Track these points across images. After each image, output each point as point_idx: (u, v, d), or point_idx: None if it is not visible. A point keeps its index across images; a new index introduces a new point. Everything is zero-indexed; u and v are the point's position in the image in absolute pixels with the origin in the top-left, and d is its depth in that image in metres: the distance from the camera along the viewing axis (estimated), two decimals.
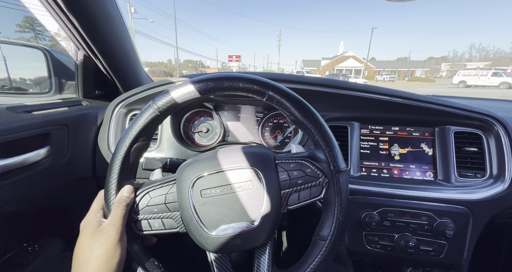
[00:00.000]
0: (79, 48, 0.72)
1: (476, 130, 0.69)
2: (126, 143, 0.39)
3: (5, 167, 0.50)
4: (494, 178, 0.66)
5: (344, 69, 43.52)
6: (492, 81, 19.22)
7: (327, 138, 0.41)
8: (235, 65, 25.60)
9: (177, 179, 0.42)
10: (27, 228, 0.63)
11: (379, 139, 0.76)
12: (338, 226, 0.41)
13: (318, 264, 0.41)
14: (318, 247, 0.42)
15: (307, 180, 0.42)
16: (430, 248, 0.65)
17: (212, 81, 0.39)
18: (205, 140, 0.86)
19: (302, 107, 0.41)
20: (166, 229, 0.41)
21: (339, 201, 0.41)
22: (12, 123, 0.53)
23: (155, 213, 0.40)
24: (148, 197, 0.41)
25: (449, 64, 57.67)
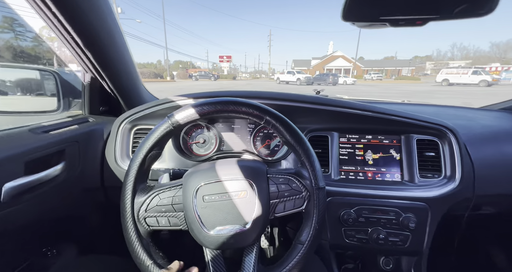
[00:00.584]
0: (86, 71, 0.79)
1: (434, 137, 0.81)
2: (143, 152, 0.48)
3: (31, 183, 0.58)
4: (448, 178, 0.78)
5: (334, 68, 44.28)
6: (472, 79, 20.13)
7: (311, 160, 0.50)
8: (226, 65, 25.55)
9: (183, 184, 0.50)
10: (45, 235, 0.70)
11: (355, 146, 0.87)
12: (314, 233, 0.49)
13: (296, 264, 0.48)
14: (296, 249, 0.50)
15: (292, 193, 0.51)
16: (397, 239, 0.77)
17: (219, 105, 0.48)
18: (202, 150, 0.94)
19: (293, 132, 0.50)
20: (171, 226, 0.49)
21: (317, 213, 0.49)
22: (34, 144, 0.60)
23: (163, 212, 0.48)
24: (158, 198, 0.49)
25: (433, 63, 59.82)
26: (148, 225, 0.48)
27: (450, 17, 0.53)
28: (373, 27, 0.61)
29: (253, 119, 0.50)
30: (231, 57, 31.71)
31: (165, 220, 0.48)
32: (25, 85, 0.81)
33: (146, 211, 0.48)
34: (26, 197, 0.58)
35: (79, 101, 0.91)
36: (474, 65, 27.06)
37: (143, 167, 0.49)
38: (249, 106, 0.49)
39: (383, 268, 0.86)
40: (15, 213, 0.56)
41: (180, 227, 0.50)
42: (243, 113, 0.49)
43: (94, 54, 0.70)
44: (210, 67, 74.68)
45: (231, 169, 0.51)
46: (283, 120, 0.50)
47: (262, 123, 0.50)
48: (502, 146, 0.84)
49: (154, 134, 0.48)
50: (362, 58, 68.84)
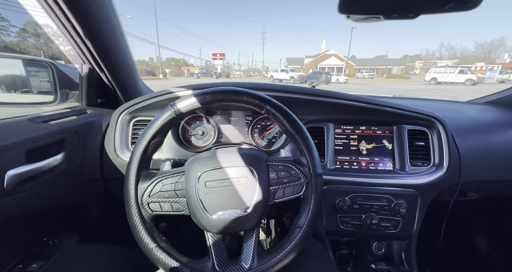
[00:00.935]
0: (85, 62, 0.79)
1: (424, 128, 0.86)
2: (147, 139, 0.49)
3: (33, 171, 0.58)
4: (436, 166, 0.83)
5: (327, 67, 44.69)
6: (459, 78, 20.86)
7: (310, 148, 0.52)
8: (219, 63, 25.36)
9: (185, 171, 0.52)
10: (46, 224, 0.70)
11: (350, 137, 0.90)
12: (312, 217, 0.51)
13: (293, 247, 0.50)
14: (294, 233, 0.51)
15: (291, 179, 0.52)
16: (389, 224, 0.81)
17: (221, 94, 0.49)
18: (201, 142, 0.96)
19: (292, 121, 0.52)
20: (173, 211, 0.50)
21: (315, 198, 0.51)
22: (34, 133, 0.60)
23: (166, 198, 0.49)
24: (161, 184, 0.50)
25: (422, 62, 61.35)
26: (151, 210, 0.50)
27: (440, 11, 0.56)
28: (368, 21, 0.64)
29: (254, 108, 0.51)
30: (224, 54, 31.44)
31: (168, 206, 0.50)
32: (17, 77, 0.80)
33: (150, 196, 0.49)
34: (28, 186, 0.58)
35: (75, 93, 0.90)
36: (461, 65, 27.99)
37: (146, 154, 0.50)
38: (250, 95, 0.50)
39: (376, 252, 0.90)
40: (18, 201, 0.56)
41: (183, 212, 0.51)
42: (244, 102, 0.50)
43: (94, 43, 0.69)
44: (203, 64, 73.87)
45: (232, 157, 0.53)
46: (282, 109, 0.52)
47: (262, 112, 0.51)
48: (486, 136, 0.89)
49: (157, 121, 0.49)
50: (354, 57, 69.78)
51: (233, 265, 0.50)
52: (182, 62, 79.53)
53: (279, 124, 0.53)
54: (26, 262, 0.58)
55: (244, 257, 0.51)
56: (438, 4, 0.56)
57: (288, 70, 24.66)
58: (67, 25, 0.63)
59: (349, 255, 0.96)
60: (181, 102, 0.49)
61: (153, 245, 0.47)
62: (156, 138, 0.50)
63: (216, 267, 0.49)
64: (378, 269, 0.85)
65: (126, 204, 0.49)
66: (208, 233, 0.53)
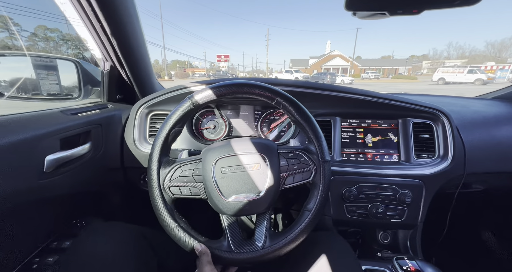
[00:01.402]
0: (107, 59, 0.85)
1: (429, 121, 0.88)
2: (167, 128, 0.53)
3: (66, 158, 0.64)
4: (441, 157, 0.85)
5: (332, 67, 44.45)
6: (468, 78, 20.41)
7: (318, 136, 0.55)
8: (224, 65, 25.56)
9: (202, 158, 0.56)
10: (75, 207, 0.76)
11: (356, 130, 0.93)
12: (320, 201, 0.54)
13: (303, 229, 0.53)
14: (304, 216, 0.54)
15: (301, 166, 0.55)
16: (394, 213, 0.83)
17: (235, 87, 0.54)
18: (212, 135, 1.01)
19: (301, 111, 0.55)
20: (192, 195, 0.54)
21: (323, 183, 0.54)
22: (66, 123, 0.66)
23: (185, 183, 0.54)
24: (180, 170, 0.55)
25: (429, 62, 60.29)
26: (172, 193, 0.54)
27: (442, 6, 0.59)
28: (373, 17, 0.68)
29: (265, 100, 0.55)
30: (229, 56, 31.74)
31: (187, 190, 0.54)
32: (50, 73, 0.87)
33: (170, 181, 0.54)
34: (63, 170, 0.64)
35: (96, 89, 0.97)
36: (470, 64, 27.40)
37: (167, 142, 0.55)
38: (262, 88, 0.54)
39: (382, 241, 0.93)
40: (55, 183, 0.62)
41: (200, 196, 0.55)
42: (256, 94, 0.54)
43: (119, 42, 0.76)
44: (208, 66, 74.58)
45: (245, 145, 0.57)
46: (292, 100, 0.55)
47: (273, 103, 0.55)
48: (491, 129, 0.91)
49: (177, 112, 0.54)
50: (360, 58, 69.21)
51: (247, 245, 0.53)
52: (187, 64, 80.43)
53: (288, 114, 0.56)
54: (60, 240, 0.64)
55: (257, 238, 0.54)
56: (439, 0, 0.59)
57: (293, 71, 24.69)
58: (96, 26, 0.69)
59: (356, 244, 0.98)
60: (198, 94, 0.53)
61: (174, 224, 0.51)
62: (175, 127, 0.55)
63: (231, 246, 0.53)
64: (384, 257, 0.88)
65: (149, 187, 0.53)
66: (223, 215, 0.57)
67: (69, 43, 1.30)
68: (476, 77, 20.06)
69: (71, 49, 1.36)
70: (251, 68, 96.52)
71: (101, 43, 0.77)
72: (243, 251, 0.52)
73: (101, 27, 0.70)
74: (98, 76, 0.95)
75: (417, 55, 78.29)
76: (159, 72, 32.19)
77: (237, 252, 0.52)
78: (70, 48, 1.36)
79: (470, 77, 20.30)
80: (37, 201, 0.60)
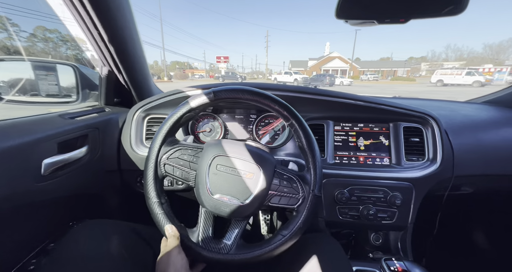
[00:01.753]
0: (105, 64, 0.87)
1: (418, 125, 0.90)
2: (183, 110, 0.55)
3: (63, 161, 0.66)
4: (430, 161, 0.87)
5: (331, 69, 44.63)
6: (466, 80, 20.52)
7: (317, 168, 0.55)
8: (223, 66, 25.63)
9: (204, 149, 0.58)
10: (72, 210, 0.78)
11: (348, 134, 0.95)
12: (296, 230, 0.53)
13: (272, 249, 0.53)
14: (276, 239, 0.54)
15: (291, 191, 0.56)
16: (385, 215, 0.85)
17: (258, 96, 0.55)
18: (208, 138, 1.02)
19: (309, 140, 0.56)
20: (182, 179, 0.56)
21: (306, 214, 0.54)
22: (64, 127, 0.68)
23: (180, 165, 0.56)
24: (180, 152, 0.57)
25: (428, 64, 60.58)
26: (165, 170, 0.56)
27: (426, 16, 0.62)
28: (364, 25, 0.70)
29: (279, 116, 0.57)
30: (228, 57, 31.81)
31: (179, 172, 0.56)
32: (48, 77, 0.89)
33: (168, 159, 0.56)
34: (60, 173, 0.65)
35: (94, 93, 0.99)
36: (468, 66, 27.57)
37: (179, 122, 0.57)
38: (282, 105, 0.55)
39: (373, 243, 0.95)
40: (52, 186, 0.64)
41: (189, 183, 0.57)
42: (273, 109, 0.55)
43: (116, 48, 0.78)
44: (207, 67, 74.74)
45: (247, 152, 0.58)
46: (305, 127, 0.56)
47: (286, 123, 0.57)
48: (479, 133, 0.94)
49: (196, 99, 0.55)
50: (359, 59, 69.50)
51: (214, 244, 0.55)
52: (186, 65, 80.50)
53: (296, 138, 0.57)
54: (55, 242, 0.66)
55: (225, 241, 0.56)
56: (426, 10, 0.61)
57: (292, 72, 24.78)
58: (93, 32, 0.71)
59: (348, 245, 1.00)
60: (220, 92, 0.55)
61: (156, 199, 0.54)
62: (192, 111, 0.56)
63: (199, 240, 0.55)
64: (375, 258, 0.89)
65: (147, 158, 0.56)
66: (203, 208, 0.58)
67: (68, 44, 1.32)
68: (474, 79, 20.19)
69: (70, 50, 1.38)
70: (251, 70, 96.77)
71: (98, 48, 0.79)
72: (208, 249, 0.54)
73: (99, 34, 0.72)
74: (96, 80, 0.97)
75: (415, 57, 78.76)
76: (159, 73, 32.20)
77: (202, 247, 0.54)
78: (70, 49, 1.38)
79: (468, 79, 20.42)
80: (35, 204, 0.62)
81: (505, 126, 0.95)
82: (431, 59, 72.06)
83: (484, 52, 63.19)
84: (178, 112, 0.56)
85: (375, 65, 51.02)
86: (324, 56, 48.91)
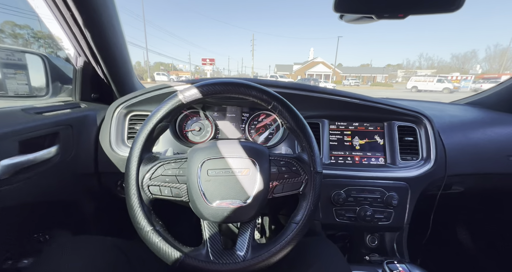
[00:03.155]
0: (80, 54, 0.77)
1: (412, 124, 0.91)
2: (154, 121, 0.48)
3: (26, 162, 0.55)
4: (424, 160, 0.88)
5: (315, 74, 45.93)
6: (437, 87, 22.25)
7: (312, 146, 0.53)
8: (209, 68, 25.38)
9: (188, 157, 0.52)
10: (38, 219, 0.66)
11: (344, 133, 0.94)
12: (308, 213, 0.51)
13: (288, 241, 0.50)
14: (290, 228, 0.51)
15: (291, 175, 0.53)
16: (382, 216, 0.84)
17: (230, 85, 0.50)
18: (198, 138, 0.95)
19: (297, 119, 0.52)
20: (172, 196, 0.50)
21: (313, 195, 0.52)
22: (28, 123, 0.58)
23: (167, 182, 0.49)
24: (163, 168, 0.50)
25: (403, 71, 64.56)
26: (151, 193, 0.49)
27: (426, 12, 0.61)
28: (360, 21, 0.68)
29: (261, 103, 0.51)
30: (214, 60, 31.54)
31: (168, 190, 0.49)
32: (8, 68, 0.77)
33: (151, 179, 0.49)
34: (22, 177, 0.55)
35: (67, 87, 0.87)
36: (439, 74, 29.81)
37: (152, 135, 0.49)
38: (259, 90, 0.50)
39: (369, 245, 0.93)
40: (13, 192, 0.53)
41: (182, 199, 0.50)
42: (252, 96, 0.50)
43: (93, 34, 0.68)
44: (192, 69, 73.43)
45: (235, 148, 0.54)
46: (289, 106, 0.52)
47: (268, 107, 0.52)
48: (467, 133, 0.96)
49: (166, 105, 0.49)
50: (341, 65, 72.27)
51: (228, 255, 0.49)
52: (171, 67, 78.63)
53: (283, 120, 0.53)
54: (16, 258, 0.55)
55: (238, 248, 0.51)
56: (425, 6, 0.61)
57: (278, 76, 25.16)
58: (66, 14, 0.62)
59: (344, 248, 0.98)
60: (190, 90, 0.49)
61: (149, 228, 0.46)
62: (163, 121, 0.50)
63: (210, 255, 0.49)
64: (372, 260, 0.87)
65: (126, 184, 0.48)
66: (205, 221, 0.53)
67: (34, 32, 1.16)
68: (444, 86, 21.91)
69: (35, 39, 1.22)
70: (237, 72, 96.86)
71: (72, 35, 0.69)
72: (223, 262, 0.48)
73: (72, 16, 0.62)
74: (70, 73, 0.86)
75: (392, 64, 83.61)
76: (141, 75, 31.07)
77: (216, 263, 0.48)
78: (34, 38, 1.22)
79: (439, 86, 22.12)
80: None
81: (491, 126, 0.98)
82: (406, 66, 77.04)
83: (452, 62, 68.85)
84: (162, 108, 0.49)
85: (356, 71, 53.38)
86: (309, 61, 50.31)
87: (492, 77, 26.63)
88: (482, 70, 57.64)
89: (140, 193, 0.48)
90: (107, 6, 0.68)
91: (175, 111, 0.50)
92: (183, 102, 0.49)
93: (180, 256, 0.45)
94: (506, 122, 1.01)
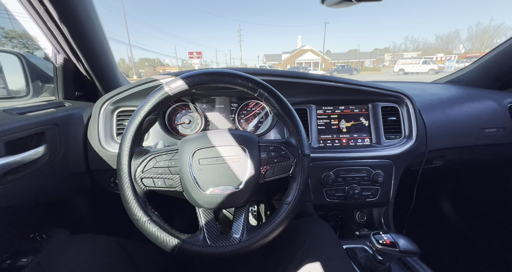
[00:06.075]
0: (59, 51, 0.75)
1: (395, 104, 0.95)
2: (141, 115, 0.49)
3: (13, 163, 0.55)
4: (407, 137, 0.92)
5: (304, 62, 45.63)
6: (423, 68, 22.68)
7: (299, 130, 0.55)
8: (196, 62, 24.74)
9: (179, 149, 0.53)
10: (34, 220, 0.67)
11: (330, 117, 0.97)
12: (298, 194, 0.54)
13: (281, 221, 0.53)
14: (282, 209, 0.54)
15: (281, 159, 0.55)
16: (369, 193, 0.89)
17: (216, 75, 0.51)
18: (188, 130, 0.96)
19: (283, 104, 0.54)
20: (166, 187, 0.51)
21: (302, 176, 0.55)
22: (11, 124, 0.57)
23: (159, 174, 0.50)
24: (154, 160, 0.51)
25: (390, 55, 65.02)
26: (144, 185, 0.50)
27: None
28: (341, 5, 0.69)
29: (247, 90, 0.53)
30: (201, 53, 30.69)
31: (161, 181, 0.51)
32: None
33: (143, 172, 0.50)
34: (11, 178, 0.55)
35: (49, 86, 0.85)
36: (424, 56, 30.27)
37: (140, 129, 0.50)
38: (244, 78, 0.51)
39: (359, 221, 0.99)
40: (2, 193, 0.53)
41: (176, 189, 0.52)
42: (238, 84, 0.51)
43: (70, 29, 0.66)
44: (179, 64, 71.37)
45: (225, 137, 0.55)
46: (275, 92, 0.54)
47: (255, 95, 0.53)
48: (446, 109, 1.01)
49: (153, 98, 0.49)
50: (329, 52, 71.96)
51: (224, 239, 0.52)
52: (157, 62, 76.02)
53: (270, 106, 0.55)
54: (15, 258, 0.55)
55: (234, 231, 0.53)
56: None
57: (267, 66, 24.85)
58: (39, 9, 0.59)
59: (336, 226, 1.03)
60: (176, 81, 0.49)
61: (145, 218, 0.47)
62: (151, 114, 0.50)
63: (207, 240, 0.51)
64: (361, 234, 0.93)
65: (119, 178, 0.49)
66: (200, 209, 0.55)
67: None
68: (429, 68, 22.35)
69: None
70: (225, 65, 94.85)
71: (48, 31, 0.67)
72: (220, 245, 0.50)
73: (46, 11, 0.60)
74: (51, 71, 0.84)
75: (379, 48, 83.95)
76: (127, 71, 29.94)
77: (213, 246, 0.50)
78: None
79: (425, 68, 22.55)
80: None
81: (467, 102, 1.04)
82: (393, 50, 77.59)
83: (436, 43, 69.75)
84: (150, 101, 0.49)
85: (344, 57, 53.35)
86: (297, 49, 49.75)
87: (474, 55, 27.32)
88: (465, 50, 58.89)
89: (134, 186, 0.49)
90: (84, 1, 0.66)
91: (162, 103, 0.51)
92: (169, 94, 0.50)
93: (178, 242, 0.47)
94: (482, 97, 1.07)
